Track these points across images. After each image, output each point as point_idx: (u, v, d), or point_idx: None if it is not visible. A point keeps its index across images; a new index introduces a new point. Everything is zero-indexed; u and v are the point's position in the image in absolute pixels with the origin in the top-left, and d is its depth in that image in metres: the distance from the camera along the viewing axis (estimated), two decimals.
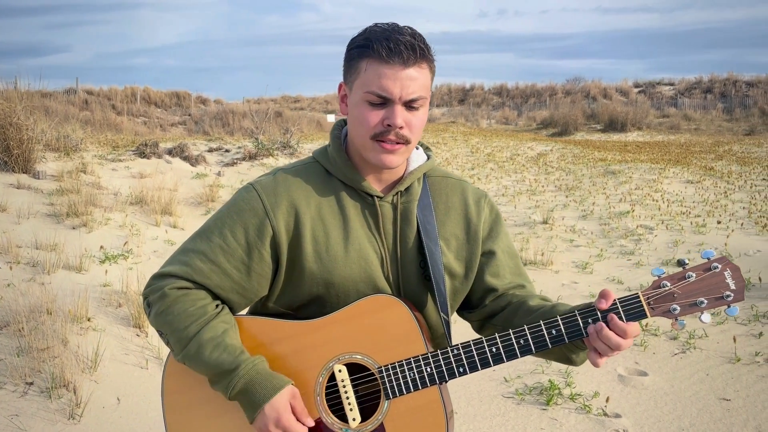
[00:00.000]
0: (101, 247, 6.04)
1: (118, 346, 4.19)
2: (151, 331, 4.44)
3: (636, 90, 33.64)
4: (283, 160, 12.06)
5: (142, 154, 10.49)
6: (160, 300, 1.35)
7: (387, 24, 1.32)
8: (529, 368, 4.06)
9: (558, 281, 6.00)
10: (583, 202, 9.48)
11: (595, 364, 1.24)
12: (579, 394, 3.67)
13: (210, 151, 12.02)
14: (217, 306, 1.37)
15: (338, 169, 1.39)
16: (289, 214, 1.35)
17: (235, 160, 11.38)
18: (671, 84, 34.16)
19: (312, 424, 1.31)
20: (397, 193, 1.41)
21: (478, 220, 1.47)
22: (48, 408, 3.42)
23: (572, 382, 3.83)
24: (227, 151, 12.15)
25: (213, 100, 32.27)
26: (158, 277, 1.38)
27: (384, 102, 1.29)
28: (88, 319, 4.37)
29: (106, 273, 5.33)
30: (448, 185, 1.49)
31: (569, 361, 1.36)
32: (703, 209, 8.62)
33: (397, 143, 1.31)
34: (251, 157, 11.47)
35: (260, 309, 1.47)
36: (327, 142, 1.47)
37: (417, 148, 1.48)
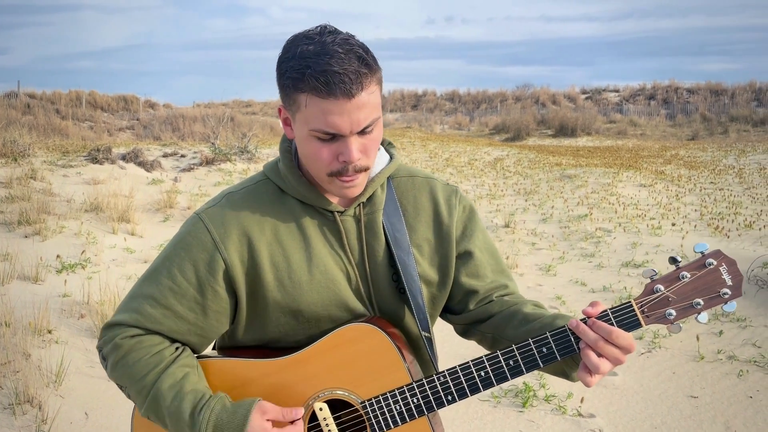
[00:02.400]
0: (58, 256, 5.82)
1: (83, 358, 4.04)
2: None
3: (583, 96, 34.54)
4: (241, 166, 11.88)
5: (95, 160, 10.18)
6: (113, 352, 1.24)
7: (317, 41, 1.12)
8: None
9: (523, 284, 6.08)
10: (542, 206, 9.66)
11: (586, 384, 1.13)
12: (553, 396, 3.72)
13: (165, 156, 11.75)
14: (176, 349, 1.26)
15: (292, 187, 1.26)
16: (241, 243, 1.23)
17: (192, 166, 11.15)
18: (616, 91, 35.22)
19: (300, 414, 1.22)
20: (359, 205, 1.28)
21: (450, 220, 1.34)
22: (13, 425, 3.27)
23: (546, 383, 3.88)
24: (183, 156, 11.90)
25: (162, 105, 31.59)
26: (108, 327, 1.27)
27: (334, 136, 1.14)
28: (50, 332, 4.20)
29: (65, 283, 5.13)
30: (416, 185, 1.36)
31: (565, 376, 1.27)
32: (657, 212, 8.90)
33: (358, 172, 1.19)
34: (208, 162, 11.26)
35: (228, 344, 1.36)
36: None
37: (379, 148, 1.33)
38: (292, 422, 1.21)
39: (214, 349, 1.42)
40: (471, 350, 4.10)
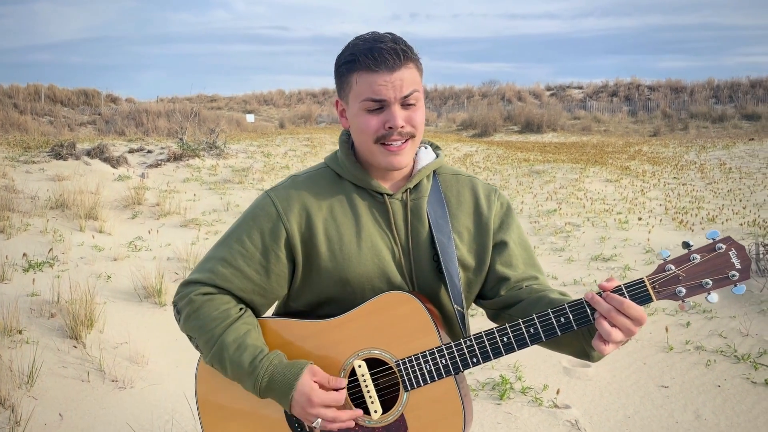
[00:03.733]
0: (24, 254, 5.68)
1: (55, 358, 3.96)
2: (90, 342, 4.22)
3: (548, 93, 34.94)
4: (210, 161, 11.73)
5: (58, 156, 9.94)
6: (187, 306, 1.42)
7: (368, 34, 1.39)
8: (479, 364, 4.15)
9: None
10: (512, 201, 9.78)
11: (601, 351, 1.24)
12: (530, 388, 3.79)
13: (131, 152, 11.54)
14: (240, 309, 1.43)
15: (347, 172, 1.45)
16: (301, 217, 1.41)
17: (159, 162, 10.97)
18: (580, 87, 35.70)
19: (344, 383, 1.36)
20: (406, 190, 1.46)
21: (489, 213, 1.51)
22: None
23: (522, 376, 3.95)
24: (150, 152, 11.70)
25: (124, 99, 30.93)
26: (185, 285, 1.45)
27: (381, 107, 1.35)
28: (20, 332, 4.11)
29: (33, 282, 5.01)
30: (459, 181, 1.54)
31: (586, 356, 1.37)
32: (623, 206, 9.09)
33: (403, 142, 1.37)
34: (176, 158, 11.09)
35: (283, 310, 1.54)
36: (252, 141, 1.52)
37: (426, 147, 1.54)
38: (336, 389, 1.36)
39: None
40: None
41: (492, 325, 1.42)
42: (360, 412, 1.37)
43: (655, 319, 4.82)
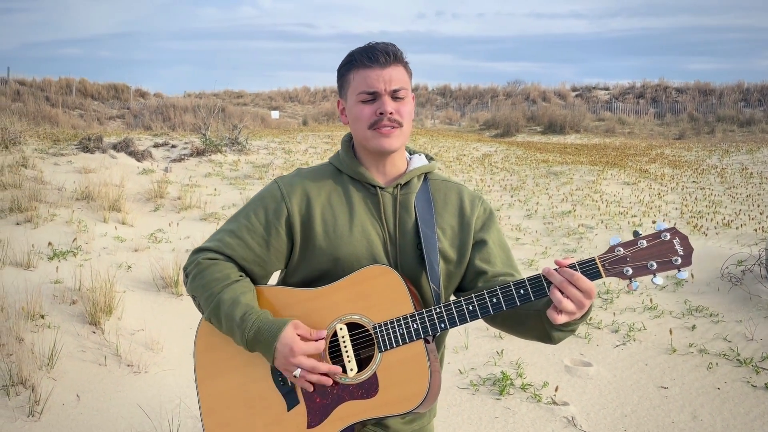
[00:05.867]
0: (49, 243, 5.90)
1: (75, 343, 4.15)
2: (108, 328, 4.41)
3: (573, 94, 34.68)
4: (232, 157, 11.95)
5: (86, 149, 10.22)
6: (195, 268, 1.61)
7: (366, 44, 1.61)
8: (482, 360, 4.25)
9: None
10: (528, 202, 9.82)
11: (554, 320, 1.37)
12: (530, 384, 3.88)
13: (156, 146, 11.80)
14: (240, 275, 1.61)
15: (346, 165, 1.66)
16: (302, 200, 1.62)
17: (183, 156, 11.21)
18: (606, 89, 35.37)
19: (324, 335, 1.51)
20: (397, 186, 1.65)
21: (471, 214, 1.68)
22: (7, 405, 3.38)
23: (523, 373, 4.03)
24: (174, 146, 11.95)
25: (153, 94, 31.40)
26: (196, 252, 1.65)
27: (374, 98, 1.56)
28: (42, 317, 4.30)
29: (57, 270, 5.23)
30: (447, 186, 1.72)
31: (548, 338, 1.50)
32: (639, 210, 9.08)
33: (392, 127, 1.56)
34: (199, 153, 11.32)
35: (280, 284, 1.71)
36: (274, 138, 1.67)
37: (420, 155, 1.74)
38: (316, 340, 1.51)
39: None
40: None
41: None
42: (338, 368, 1.50)
43: (660, 322, 4.87)
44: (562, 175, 11.93)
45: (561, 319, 1.37)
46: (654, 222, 8.08)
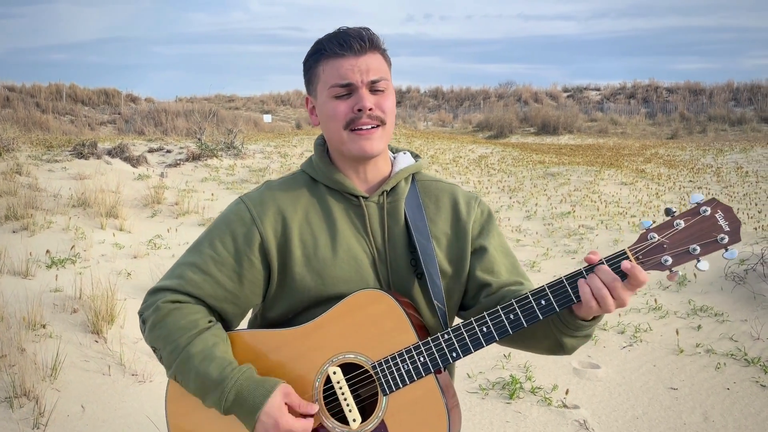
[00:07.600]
0: (47, 251, 5.83)
1: (77, 352, 4.08)
2: (110, 336, 4.35)
3: (565, 95, 34.80)
4: (227, 161, 11.89)
5: (80, 155, 10.14)
6: (153, 314, 1.33)
7: (333, 31, 1.36)
8: (490, 364, 4.21)
9: None
10: (526, 203, 9.81)
11: (585, 315, 1.22)
12: (539, 388, 3.85)
13: (151, 151, 11.73)
14: (209, 321, 1.35)
15: (322, 174, 1.40)
16: (276, 221, 1.36)
17: (178, 161, 11.15)
18: (597, 89, 35.50)
19: (316, 409, 1.28)
20: (382, 193, 1.40)
21: (468, 218, 1.45)
22: (11, 418, 3.32)
23: (532, 376, 4.00)
24: (169, 151, 11.88)
25: (144, 99, 31.29)
26: (152, 292, 1.38)
27: (349, 92, 1.31)
28: (43, 326, 4.24)
29: (56, 278, 5.16)
30: (439, 187, 1.49)
31: (560, 347, 1.31)
32: (638, 209, 9.09)
33: (373, 127, 1.32)
34: (195, 157, 11.26)
35: (259, 322, 1.47)
36: (269, 141, 1.52)
37: (404, 153, 1.49)
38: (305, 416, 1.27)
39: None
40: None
41: None
42: None
43: (666, 322, 4.85)
44: (559, 176, 11.94)
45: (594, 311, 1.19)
46: (654, 222, 8.08)
